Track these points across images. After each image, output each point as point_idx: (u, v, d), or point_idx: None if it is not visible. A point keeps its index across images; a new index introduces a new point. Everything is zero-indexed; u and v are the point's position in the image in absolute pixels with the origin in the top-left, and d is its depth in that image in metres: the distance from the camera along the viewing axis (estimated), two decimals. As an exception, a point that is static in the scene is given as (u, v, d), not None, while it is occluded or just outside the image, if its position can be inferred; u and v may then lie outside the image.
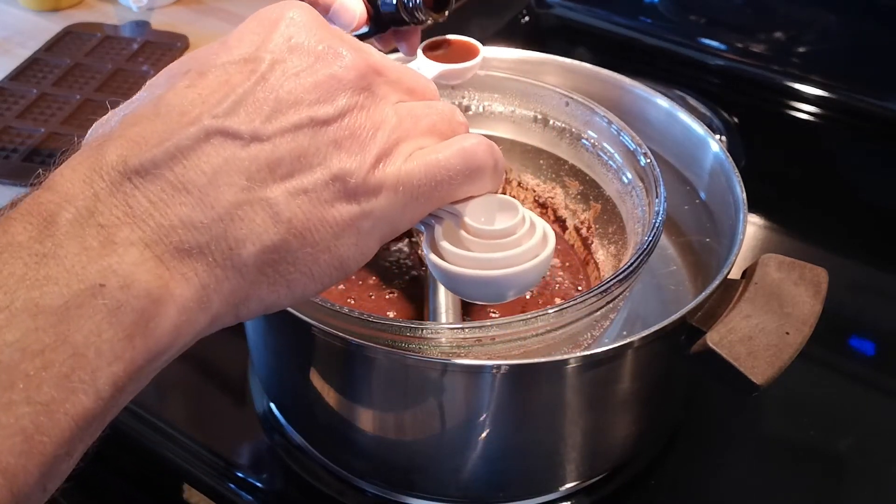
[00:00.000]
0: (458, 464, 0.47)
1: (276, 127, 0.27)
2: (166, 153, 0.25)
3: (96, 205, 0.24)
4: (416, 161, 0.30)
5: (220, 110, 0.26)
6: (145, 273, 0.24)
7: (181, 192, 0.25)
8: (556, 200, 0.60)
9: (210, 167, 0.26)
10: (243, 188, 0.26)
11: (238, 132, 0.26)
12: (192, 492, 0.52)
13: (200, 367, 0.59)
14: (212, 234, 0.26)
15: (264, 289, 0.28)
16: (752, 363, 0.40)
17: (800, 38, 0.85)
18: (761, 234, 0.70)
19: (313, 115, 0.28)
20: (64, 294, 0.23)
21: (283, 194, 0.27)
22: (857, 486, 0.52)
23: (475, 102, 0.59)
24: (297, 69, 0.28)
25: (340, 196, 0.28)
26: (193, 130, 0.26)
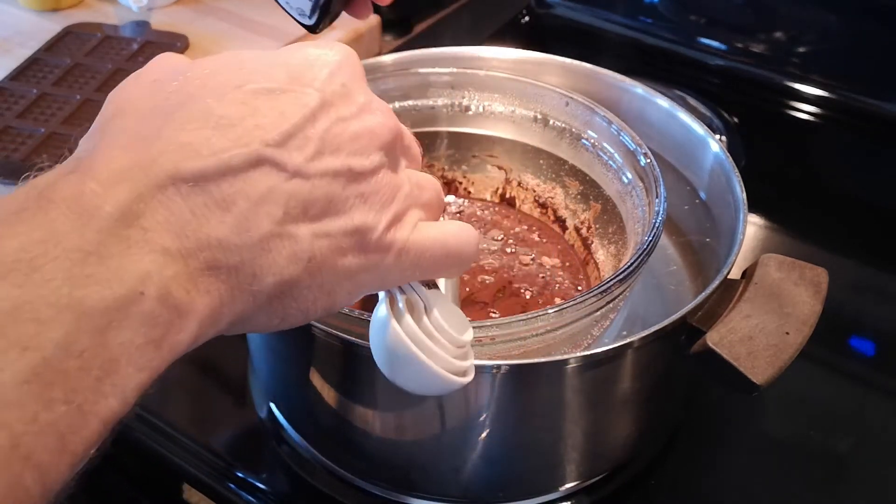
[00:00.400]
0: (458, 464, 0.47)
1: (318, 168, 0.28)
2: (217, 169, 0.26)
3: (139, 205, 0.24)
4: (422, 233, 0.31)
5: (272, 139, 0.27)
6: (178, 286, 0.24)
7: (223, 211, 0.25)
8: (556, 200, 0.60)
9: (255, 193, 0.26)
10: (278, 221, 0.27)
11: (285, 165, 0.27)
12: (192, 492, 0.52)
13: (200, 368, 0.59)
14: (241, 258, 0.26)
15: (263, 316, 0.28)
16: (752, 363, 0.40)
17: (800, 38, 0.85)
18: (761, 234, 0.70)
19: (351, 166, 0.29)
20: (106, 297, 0.23)
21: (309, 234, 0.28)
22: (857, 486, 0.52)
23: (475, 102, 0.59)
24: (343, 116, 0.29)
25: (355, 247, 0.29)
26: (247, 153, 0.26)
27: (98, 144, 0.26)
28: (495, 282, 0.56)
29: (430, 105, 0.59)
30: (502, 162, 0.61)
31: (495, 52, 0.61)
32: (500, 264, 0.57)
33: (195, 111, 0.27)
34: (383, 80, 0.57)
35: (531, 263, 0.58)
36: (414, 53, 0.59)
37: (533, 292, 0.55)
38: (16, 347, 0.21)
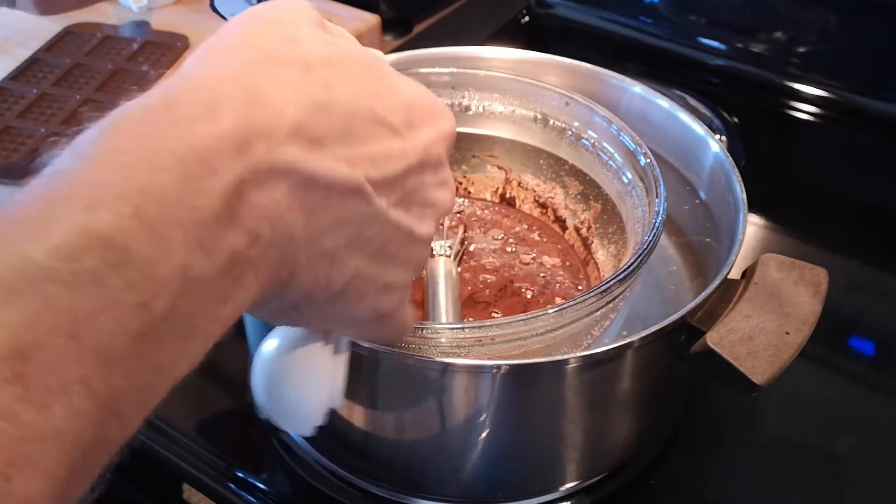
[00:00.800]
0: (458, 464, 0.47)
1: (394, 219, 0.29)
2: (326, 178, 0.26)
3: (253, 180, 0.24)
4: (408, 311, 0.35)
5: (374, 177, 0.28)
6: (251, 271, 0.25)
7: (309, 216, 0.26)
8: (556, 200, 0.60)
9: (340, 214, 0.27)
10: (342, 245, 0.28)
11: (373, 203, 0.28)
12: (192, 492, 0.52)
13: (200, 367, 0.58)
14: (296, 261, 0.26)
15: (265, 312, 0.30)
16: (752, 363, 0.40)
17: (800, 38, 0.85)
18: (761, 234, 0.70)
19: (413, 229, 0.30)
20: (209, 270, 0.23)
21: (354, 269, 0.29)
22: (857, 486, 0.52)
23: (475, 102, 0.59)
24: (427, 182, 0.31)
25: (374, 300, 0.31)
26: (352, 178, 0.27)
27: (234, 87, 0.25)
28: (496, 281, 0.56)
29: (430, 105, 0.59)
30: (502, 162, 0.61)
31: (495, 52, 0.61)
32: (501, 263, 0.57)
33: (332, 105, 0.26)
34: (383, 80, 0.57)
35: (531, 263, 0.58)
36: (414, 53, 0.59)
37: (534, 292, 0.55)
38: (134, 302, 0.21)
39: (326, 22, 0.30)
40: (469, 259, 0.58)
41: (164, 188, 0.22)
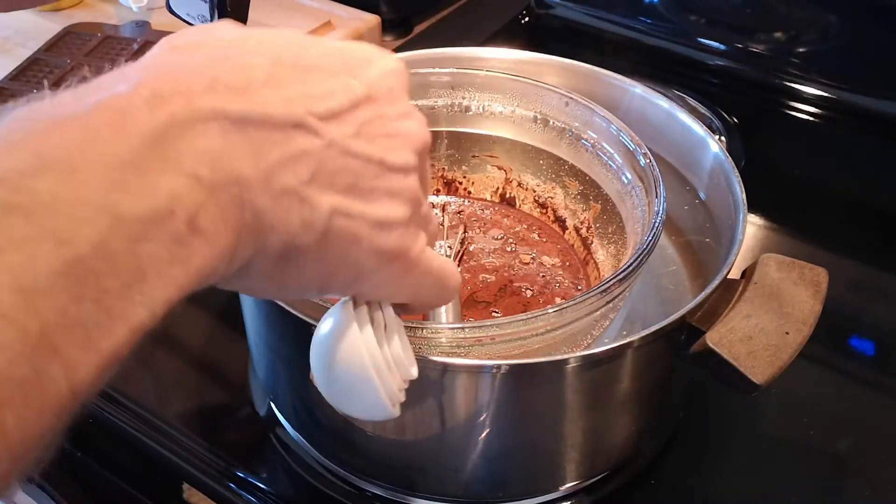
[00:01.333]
0: (458, 463, 0.47)
1: (353, 148, 0.29)
2: (261, 117, 0.26)
3: (179, 129, 0.25)
4: (428, 255, 0.32)
5: (316, 111, 0.28)
6: (205, 215, 0.25)
7: (256, 156, 0.26)
8: (555, 200, 0.60)
9: (289, 149, 0.27)
10: (304, 182, 0.27)
11: (323, 136, 0.28)
12: (192, 492, 0.52)
13: (200, 367, 0.59)
14: (262, 205, 0.26)
15: (262, 277, 0.29)
16: (751, 363, 0.40)
17: (800, 38, 0.85)
18: (761, 234, 0.70)
19: (384, 158, 0.29)
20: (140, 207, 0.23)
21: (330, 207, 0.28)
22: (857, 486, 0.52)
23: (475, 102, 0.59)
24: (384, 114, 0.30)
25: (370, 240, 0.30)
26: (291, 113, 0.27)
27: (147, 69, 0.26)
28: (496, 280, 0.56)
29: (430, 105, 0.59)
30: (502, 162, 0.61)
31: (495, 52, 0.61)
32: (501, 263, 0.57)
33: (249, 62, 0.27)
34: (383, 80, 0.57)
35: (531, 262, 0.58)
36: (414, 53, 0.60)
37: (534, 291, 0.55)
38: (52, 240, 0.21)
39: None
40: (469, 259, 0.58)
41: (71, 138, 0.23)
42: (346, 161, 0.28)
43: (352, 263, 0.30)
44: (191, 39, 0.29)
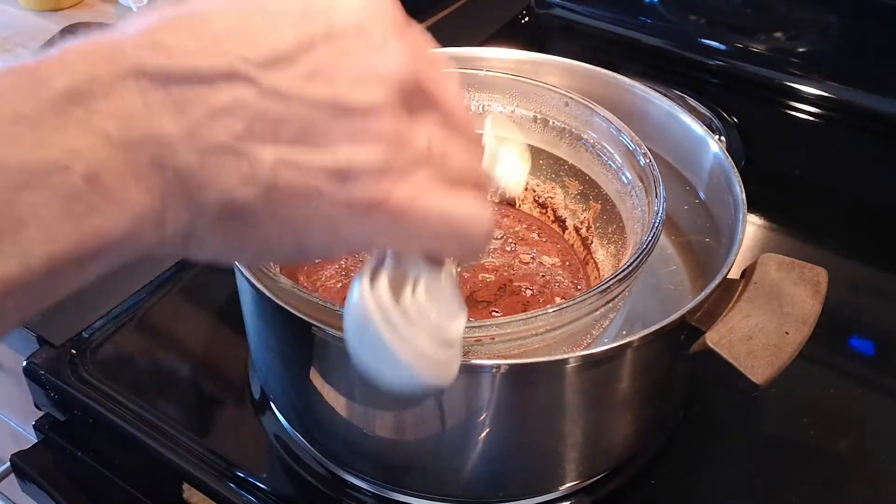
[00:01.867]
0: (458, 463, 0.47)
1: (300, 91, 0.26)
2: (184, 71, 0.25)
3: (92, 87, 0.24)
4: (429, 199, 0.28)
5: (254, 57, 0.25)
6: (111, 173, 0.24)
7: (178, 113, 0.25)
8: (555, 200, 0.60)
9: (217, 102, 0.25)
10: (237, 135, 0.25)
11: (260, 84, 0.25)
12: (192, 492, 0.52)
13: (200, 367, 0.59)
14: (189, 164, 0.25)
15: (218, 238, 0.27)
16: (751, 363, 0.40)
17: (800, 38, 0.85)
18: (761, 234, 0.70)
19: (338, 99, 0.26)
20: (23, 159, 0.23)
21: (275, 159, 0.26)
22: (857, 486, 0.52)
23: (475, 102, 0.59)
24: (348, 50, 0.27)
25: (334, 189, 0.27)
26: (219, 63, 0.25)
27: (98, 34, 0.25)
28: (496, 280, 0.56)
29: (430, 105, 0.59)
30: (502, 162, 0.61)
31: (495, 52, 0.61)
32: (501, 263, 0.57)
33: (190, 20, 0.26)
34: (383, 80, 0.57)
35: (531, 262, 0.58)
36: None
37: (533, 291, 0.55)
38: None
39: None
40: (469, 259, 0.58)
41: None
42: (291, 108, 0.26)
43: (320, 218, 0.27)
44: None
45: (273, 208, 0.26)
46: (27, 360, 0.57)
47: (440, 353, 0.30)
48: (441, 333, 0.30)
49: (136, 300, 0.62)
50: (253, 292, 0.45)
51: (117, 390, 0.56)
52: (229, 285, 0.54)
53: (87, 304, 0.61)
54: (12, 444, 0.78)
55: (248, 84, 0.25)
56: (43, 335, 0.58)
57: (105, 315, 0.60)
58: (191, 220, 0.26)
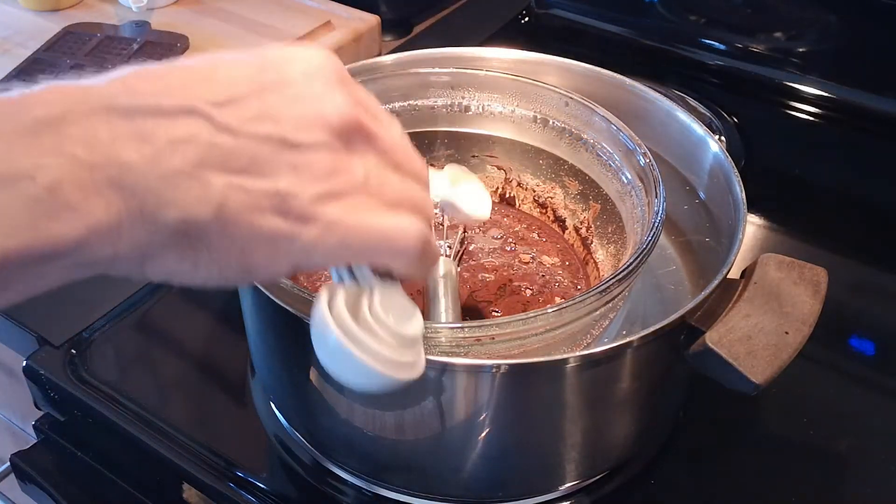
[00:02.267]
0: (457, 463, 0.47)
1: (247, 130, 0.30)
2: (149, 108, 0.29)
3: (67, 117, 0.27)
4: (358, 215, 0.32)
5: (212, 98, 0.30)
6: (74, 186, 0.27)
7: (142, 142, 0.28)
8: (555, 200, 0.60)
9: (175, 134, 0.29)
10: (193, 163, 0.29)
11: (215, 120, 0.29)
12: (192, 492, 0.52)
13: (200, 367, 0.59)
14: (147, 185, 0.28)
15: (171, 256, 0.30)
16: (751, 363, 0.40)
17: (800, 38, 0.85)
18: (761, 234, 0.70)
19: (284, 136, 0.30)
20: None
21: (225, 185, 0.29)
22: (857, 486, 0.52)
23: (475, 102, 0.59)
24: (295, 97, 0.31)
25: (275, 210, 0.30)
26: (180, 102, 0.29)
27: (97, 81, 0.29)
28: (495, 280, 0.56)
29: (430, 105, 0.59)
30: (502, 162, 0.61)
31: (495, 52, 0.61)
32: (500, 262, 0.57)
33: (158, 70, 0.30)
34: (383, 80, 0.57)
35: (531, 262, 0.58)
36: (414, 53, 0.59)
37: (533, 290, 0.55)
38: None
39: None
40: (469, 258, 0.58)
41: None
42: (241, 142, 0.30)
43: (262, 235, 0.30)
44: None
45: (222, 228, 0.30)
46: (27, 360, 0.57)
47: (403, 353, 0.34)
48: (401, 336, 0.34)
49: (136, 300, 0.62)
50: (253, 292, 0.45)
51: (117, 390, 0.56)
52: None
53: (87, 304, 0.61)
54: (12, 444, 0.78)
55: (204, 120, 0.29)
56: (43, 335, 0.58)
57: (105, 315, 0.60)
58: (147, 238, 0.29)
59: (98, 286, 0.62)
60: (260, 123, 0.30)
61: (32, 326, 0.59)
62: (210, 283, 0.32)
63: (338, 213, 0.31)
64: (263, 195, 0.30)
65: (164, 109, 0.29)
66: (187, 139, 0.29)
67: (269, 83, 0.31)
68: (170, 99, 0.29)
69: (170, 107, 0.29)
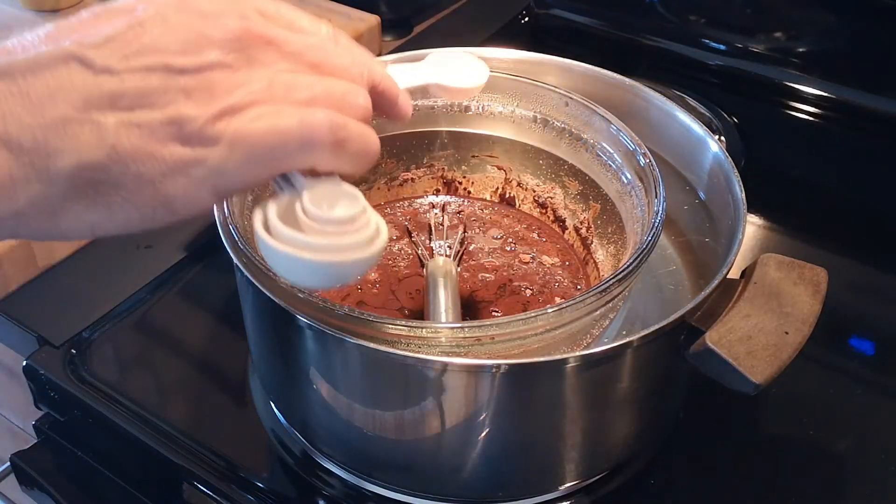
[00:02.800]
0: (457, 463, 0.47)
1: (129, 65, 0.30)
2: (26, 63, 0.29)
3: None
4: (259, 123, 0.31)
5: (86, 41, 0.30)
6: None
7: (23, 97, 0.29)
8: (555, 200, 0.60)
9: (55, 83, 0.29)
10: (78, 108, 0.29)
11: (92, 62, 0.30)
12: (192, 491, 0.52)
13: (200, 367, 0.59)
14: (34, 137, 0.29)
15: (82, 205, 0.30)
16: (751, 362, 0.40)
17: (800, 38, 0.85)
18: (761, 234, 0.70)
19: (168, 63, 0.30)
20: None
21: (116, 123, 0.29)
22: (857, 486, 0.52)
23: (475, 102, 0.59)
24: (175, 24, 0.31)
25: (175, 138, 0.30)
26: (54, 50, 0.29)
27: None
28: (495, 280, 0.56)
29: (430, 105, 0.59)
30: (502, 162, 0.61)
31: (495, 52, 0.61)
32: (501, 262, 0.57)
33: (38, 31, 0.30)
34: (383, 80, 0.57)
35: (531, 262, 0.58)
36: (414, 54, 0.59)
37: (533, 290, 0.55)
38: None
39: None
40: (469, 258, 0.58)
41: None
42: (125, 78, 0.30)
43: (169, 166, 0.30)
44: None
45: (124, 166, 0.30)
46: (27, 360, 0.57)
47: (344, 237, 0.34)
48: (335, 221, 0.34)
49: (136, 300, 0.62)
50: (253, 292, 0.45)
51: (117, 390, 0.56)
52: (229, 285, 0.54)
53: (87, 304, 0.61)
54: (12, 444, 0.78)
55: (82, 64, 0.30)
56: (43, 335, 0.58)
57: (105, 315, 0.60)
58: (45, 190, 0.29)
59: (98, 286, 0.63)
60: (142, 57, 0.30)
61: (32, 326, 0.59)
62: (133, 227, 0.32)
63: (239, 126, 0.31)
64: (158, 125, 0.30)
65: (42, 61, 0.29)
66: (67, 86, 0.29)
67: (146, 17, 0.31)
68: (46, 50, 0.29)
69: (46, 58, 0.29)
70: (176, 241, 0.66)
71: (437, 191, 0.63)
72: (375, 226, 0.35)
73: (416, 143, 0.61)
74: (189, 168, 0.31)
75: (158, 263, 0.64)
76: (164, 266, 0.64)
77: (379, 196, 0.62)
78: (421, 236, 0.59)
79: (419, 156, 0.61)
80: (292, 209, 0.34)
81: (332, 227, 0.34)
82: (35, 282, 0.62)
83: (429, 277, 0.53)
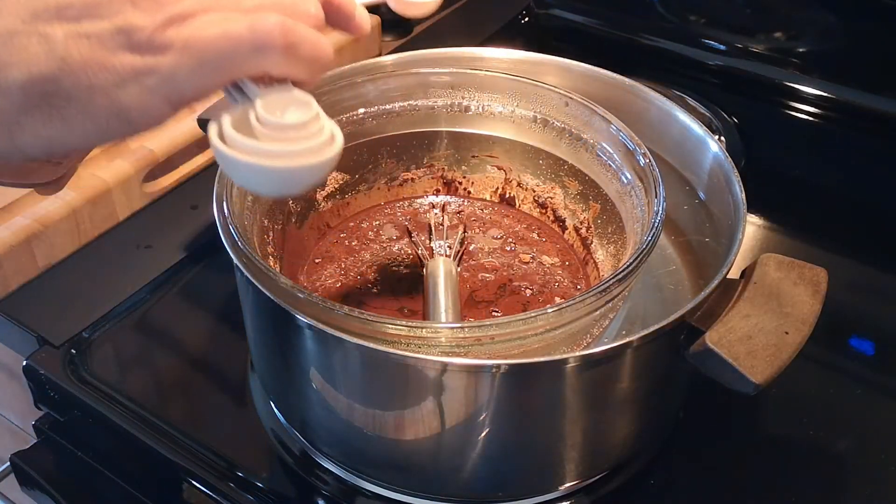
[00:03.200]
0: (457, 463, 0.47)
1: None
2: None
3: None
4: (209, 29, 0.31)
5: None
6: None
7: None
8: (555, 200, 0.60)
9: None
10: (24, 20, 0.29)
11: None
12: (192, 492, 0.52)
13: (200, 367, 0.59)
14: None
15: (38, 119, 0.30)
16: (751, 362, 0.40)
17: (800, 38, 0.85)
18: (761, 234, 0.70)
19: None
20: None
21: (65, 34, 0.30)
22: (857, 486, 0.52)
23: (475, 102, 0.59)
24: None
25: (124, 47, 0.30)
26: None
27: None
28: (495, 280, 0.56)
29: (430, 105, 0.59)
30: (502, 162, 0.61)
31: (495, 52, 0.61)
32: (501, 262, 0.57)
33: None
34: (383, 80, 0.57)
35: (531, 262, 0.58)
36: (414, 54, 0.60)
37: (533, 290, 0.55)
38: None
39: None
40: (469, 258, 0.58)
41: None
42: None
43: (121, 74, 0.30)
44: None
45: (76, 77, 0.30)
46: (27, 360, 0.57)
47: (299, 141, 0.34)
48: (289, 126, 0.34)
49: (136, 300, 0.62)
50: (253, 292, 0.45)
51: (117, 390, 0.56)
52: (229, 285, 0.54)
53: (87, 304, 0.61)
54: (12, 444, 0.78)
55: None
56: (43, 335, 0.58)
57: (105, 315, 0.60)
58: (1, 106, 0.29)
59: (98, 286, 0.63)
60: None
61: (32, 326, 0.59)
62: (92, 140, 0.32)
63: (188, 33, 0.31)
64: (108, 35, 0.30)
65: None
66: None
67: None
68: None
69: None
70: (176, 241, 0.66)
71: (437, 191, 0.63)
72: (330, 132, 0.35)
73: (416, 143, 0.61)
74: (141, 77, 0.31)
75: (158, 263, 0.64)
76: (163, 266, 0.64)
77: (379, 196, 0.62)
78: (421, 236, 0.59)
79: (419, 156, 0.61)
80: (246, 118, 0.34)
81: (286, 133, 0.34)
82: (35, 282, 0.62)
83: (429, 277, 0.53)
